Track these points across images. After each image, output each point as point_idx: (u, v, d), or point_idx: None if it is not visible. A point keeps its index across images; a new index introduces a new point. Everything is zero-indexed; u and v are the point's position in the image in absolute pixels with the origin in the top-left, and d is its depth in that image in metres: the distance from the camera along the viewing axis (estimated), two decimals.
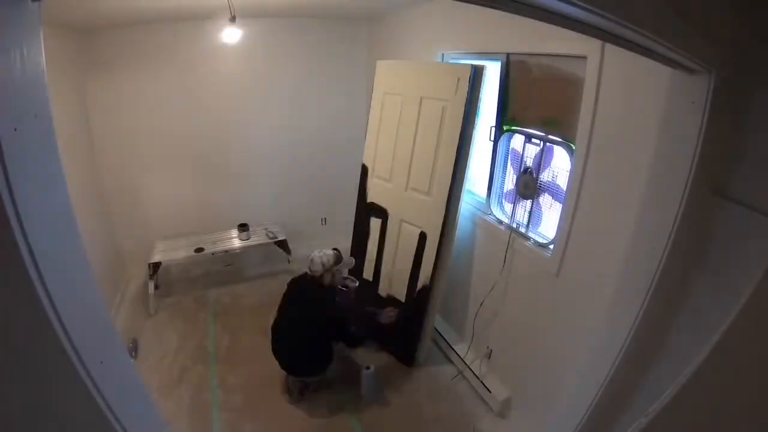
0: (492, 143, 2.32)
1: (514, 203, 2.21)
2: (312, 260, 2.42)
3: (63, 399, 0.59)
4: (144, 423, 0.78)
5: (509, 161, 2.27)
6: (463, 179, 2.35)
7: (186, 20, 3.11)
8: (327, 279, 2.42)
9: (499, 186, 2.37)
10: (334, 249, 2.52)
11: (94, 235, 3.03)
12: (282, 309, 2.49)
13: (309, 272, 2.43)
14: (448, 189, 2.36)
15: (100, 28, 2.94)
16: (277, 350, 2.44)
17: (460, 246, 2.56)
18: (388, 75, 2.75)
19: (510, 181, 2.27)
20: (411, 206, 2.61)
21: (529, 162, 2.08)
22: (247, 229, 3.59)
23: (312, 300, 2.39)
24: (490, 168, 2.37)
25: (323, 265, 2.39)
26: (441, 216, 2.41)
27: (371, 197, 2.91)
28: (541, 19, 0.80)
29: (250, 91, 3.59)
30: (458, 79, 2.25)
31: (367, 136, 2.93)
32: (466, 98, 2.22)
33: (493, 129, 2.30)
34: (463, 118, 2.25)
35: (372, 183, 2.91)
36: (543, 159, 1.99)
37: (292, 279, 2.58)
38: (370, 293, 2.87)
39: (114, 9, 2.50)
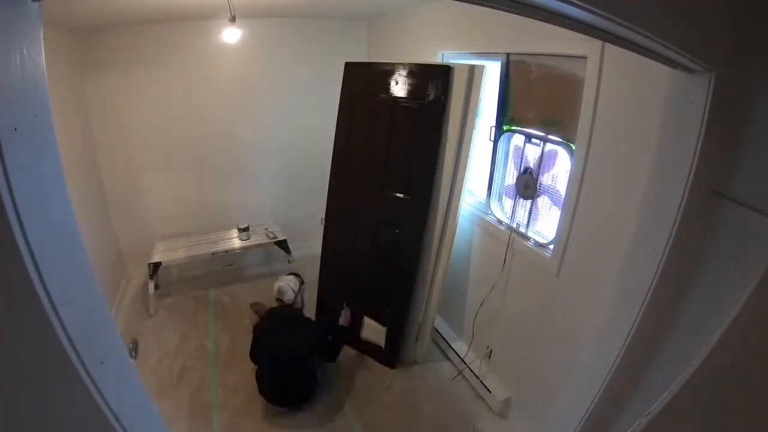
0: (492, 143, 2.32)
1: (514, 203, 2.21)
2: (280, 290, 2.60)
3: (63, 399, 0.59)
4: (144, 423, 0.78)
5: (510, 161, 2.28)
6: (463, 180, 2.35)
7: (186, 20, 3.11)
8: (299, 303, 2.65)
9: (499, 186, 2.37)
10: (293, 274, 2.81)
11: (94, 235, 3.03)
12: (268, 345, 2.39)
13: (281, 303, 2.60)
14: (448, 189, 2.36)
15: (100, 28, 2.94)
16: (273, 388, 2.34)
17: (459, 246, 2.56)
18: (357, 78, 2.64)
19: (510, 179, 2.27)
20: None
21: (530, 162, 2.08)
22: (247, 230, 3.59)
23: (300, 325, 2.48)
24: (490, 168, 2.37)
25: (293, 291, 2.61)
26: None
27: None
28: (541, 19, 0.80)
29: (250, 91, 3.59)
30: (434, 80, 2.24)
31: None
32: (463, 98, 2.19)
33: (493, 129, 2.30)
34: (461, 119, 2.24)
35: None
36: (543, 160, 1.99)
37: (265, 314, 2.65)
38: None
39: (114, 9, 2.50)
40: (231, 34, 2.99)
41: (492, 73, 2.23)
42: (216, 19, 3.03)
